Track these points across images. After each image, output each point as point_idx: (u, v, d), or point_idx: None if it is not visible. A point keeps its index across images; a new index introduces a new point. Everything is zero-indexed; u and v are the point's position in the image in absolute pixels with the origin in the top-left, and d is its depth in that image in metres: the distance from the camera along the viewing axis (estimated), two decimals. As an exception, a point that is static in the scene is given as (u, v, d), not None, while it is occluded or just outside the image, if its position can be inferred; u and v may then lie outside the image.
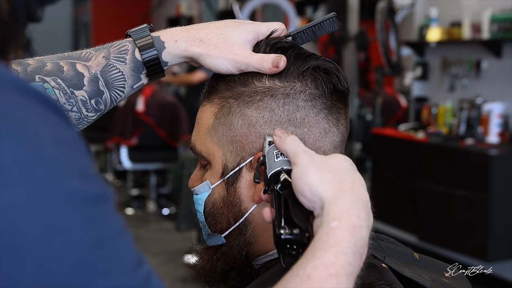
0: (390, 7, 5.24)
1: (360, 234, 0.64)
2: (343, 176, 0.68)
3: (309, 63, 0.83)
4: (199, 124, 0.88)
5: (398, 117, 6.09)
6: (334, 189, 0.66)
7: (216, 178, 0.86)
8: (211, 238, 0.89)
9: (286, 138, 0.73)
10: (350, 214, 0.64)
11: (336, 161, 0.69)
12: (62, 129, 0.48)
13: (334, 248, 0.62)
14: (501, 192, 3.97)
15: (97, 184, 0.48)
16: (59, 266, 0.44)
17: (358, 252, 0.63)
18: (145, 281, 0.50)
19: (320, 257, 0.61)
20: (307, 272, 0.61)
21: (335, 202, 0.65)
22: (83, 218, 0.46)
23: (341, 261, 0.61)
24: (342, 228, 0.63)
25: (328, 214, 0.65)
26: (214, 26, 0.86)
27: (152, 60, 0.84)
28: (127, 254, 0.50)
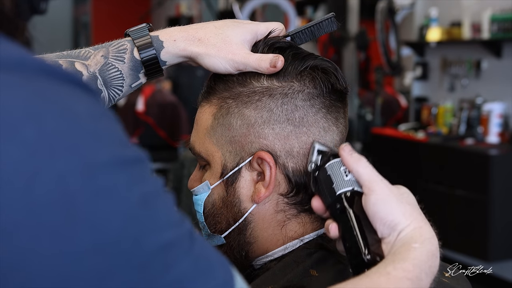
0: (390, 7, 5.24)
1: (435, 262, 0.71)
2: (419, 212, 0.76)
3: (307, 62, 0.83)
4: (198, 125, 0.88)
5: (398, 117, 6.09)
6: (416, 220, 0.73)
7: (215, 179, 0.86)
8: (211, 239, 0.89)
9: (361, 159, 0.76)
10: (431, 243, 0.72)
11: (408, 195, 0.77)
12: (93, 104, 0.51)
13: (413, 261, 0.68)
14: (501, 192, 3.97)
15: (132, 149, 0.51)
16: (112, 224, 0.46)
17: (430, 274, 0.70)
18: (191, 235, 0.53)
19: (400, 262, 0.68)
20: (387, 270, 0.67)
21: (419, 230, 0.72)
22: (127, 179, 0.48)
23: (417, 272, 0.68)
24: (422, 250, 0.70)
25: (411, 238, 0.71)
26: (213, 26, 0.86)
27: (150, 60, 0.84)
28: (171, 210, 0.52)
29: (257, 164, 0.83)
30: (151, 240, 0.49)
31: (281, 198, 0.84)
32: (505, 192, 3.99)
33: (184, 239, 0.52)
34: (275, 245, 0.85)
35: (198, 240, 0.54)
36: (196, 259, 0.52)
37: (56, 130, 0.46)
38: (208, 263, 0.53)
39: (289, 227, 0.85)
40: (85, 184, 0.46)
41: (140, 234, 0.48)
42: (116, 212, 0.47)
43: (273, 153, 0.82)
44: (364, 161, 0.76)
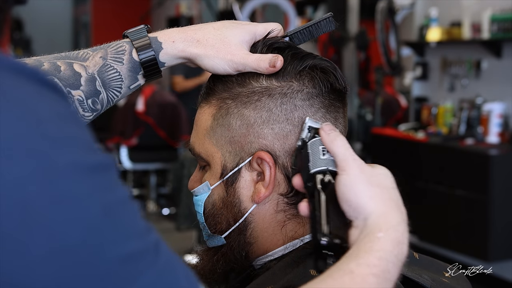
0: (390, 7, 5.24)
1: (401, 249, 0.68)
2: (390, 194, 0.72)
3: (306, 62, 0.83)
4: (198, 126, 0.88)
5: (398, 117, 6.08)
6: (384, 205, 0.70)
7: (215, 179, 0.86)
8: (211, 239, 0.89)
9: (337, 138, 0.74)
10: (397, 230, 0.68)
11: (384, 177, 0.73)
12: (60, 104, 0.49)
13: (378, 253, 0.65)
14: (501, 192, 3.97)
15: (99, 154, 0.49)
16: (70, 233, 0.45)
17: (397, 264, 0.67)
18: (156, 247, 0.51)
19: (364, 257, 0.65)
20: (350, 267, 0.64)
21: (384, 218, 0.69)
22: (90, 187, 0.47)
23: (383, 265, 0.65)
24: (387, 239, 0.67)
25: (376, 225, 0.68)
26: (211, 27, 0.86)
27: (149, 61, 0.84)
28: (135, 221, 0.51)
29: (257, 164, 0.83)
30: (113, 251, 0.47)
31: (281, 198, 0.84)
32: (505, 192, 3.99)
33: (148, 251, 0.50)
34: (275, 245, 0.85)
35: (164, 252, 0.52)
36: (160, 272, 0.51)
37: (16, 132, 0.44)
38: (173, 277, 0.52)
39: (289, 227, 0.85)
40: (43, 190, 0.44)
41: (101, 244, 0.47)
42: (76, 220, 0.45)
43: (273, 153, 0.82)
44: (341, 140, 0.74)
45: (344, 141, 0.74)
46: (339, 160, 0.73)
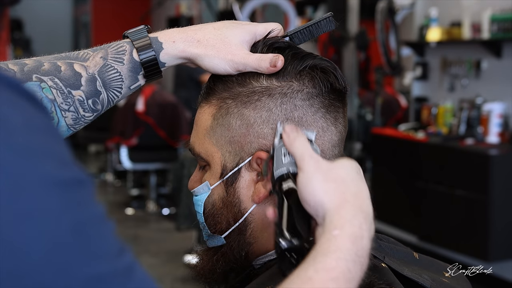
0: (390, 7, 5.24)
1: (361, 244, 0.65)
2: (347, 187, 0.68)
3: (306, 62, 0.83)
4: (198, 126, 0.88)
5: (398, 117, 6.09)
6: (338, 199, 0.67)
7: (215, 179, 0.86)
8: (211, 239, 0.89)
9: (296, 139, 0.73)
10: (353, 225, 0.65)
11: (342, 170, 0.70)
12: (35, 115, 0.47)
13: (335, 254, 0.63)
14: (501, 192, 3.97)
15: (73, 169, 0.47)
16: (34, 251, 0.43)
17: (358, 261, 0.64)
18: (127, 271, 0.49)
19: (321, 261, 0.62)
20: (309, 274, 0.61)
21: (338, 213, 0.66)
22: (59, 202, 0.45)
23: (341, 267, 0.62)
24: (344, 236, 0.64)
25: (330, 223, 0.65)
26: (212, 27, 0.86)
27: (150, 61, 0.84)
28: (107, 241, 0.48)
29: (257, 164, 0.83)
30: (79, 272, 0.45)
31: None
32: (505, 192, 3.99)
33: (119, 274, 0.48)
34: (275, 245, 0.85)
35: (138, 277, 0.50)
36: None
37: None
38: None
39: (289, 227, 0.85)
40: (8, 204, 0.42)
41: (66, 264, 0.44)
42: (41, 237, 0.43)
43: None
44: (299, 140, 0.73)
45: (303, 141, 0.73)
46: (297, 160, 0.71)
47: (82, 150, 9.65)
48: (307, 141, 0.73)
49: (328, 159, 0.84)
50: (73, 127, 0.85)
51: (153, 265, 4.81)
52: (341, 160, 0.72)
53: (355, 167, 0.71)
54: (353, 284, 0.63)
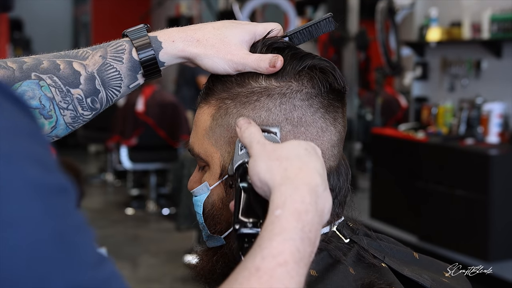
0: (390, 7, 5.24)
1: (306, 219, 0.63)
2: (290, 162, 0.67)
3: (305, 62, 0.83)
4: (197, 126, 0.87)
5: (398, 117, 6.09)
6: (279, 176, 0.66)
7: (214, 179, 0.85)
8: (211, 239, 0.89)
9: (245, 130, 0.73)
10: (294, 200, 0.64)
11: (286, 148, 0.69)
12: (20, 119, 0.46)
13: (280, 236, 0.61)
14: (501, 192, 3.97)
15: (57, 176, 0.47)
16: (15, 259, 0.42)
17: (306, 237, 0.63)
18: (107, 280, 0.48)
19: (267, 246, 0.61)
20: (256, 263, 0.60)
21: (278, 190, 0.65)
22: (42, 209, 0.44)
23: (288, 248, 0.61)
24: (286, 215, 0.63)
25: (272, 203, 0.65)
26: (211, 26, 0.86)
27: (149, 60, 0.84)
28: (88, 250, 0.48)
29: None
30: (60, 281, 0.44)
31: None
32: (505, 192, 3.99)
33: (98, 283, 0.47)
34: (275, 245, 0.85)
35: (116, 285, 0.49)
36: None
37: None
38: None
39: (289, 227, 0.85)
40: None
41: (48, 274, 0.44)
42: (22, 246, 0.43)
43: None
44: (250, 129, 0.73)
45: (253, 130, 0.73)
46: (248, 148, 0.72)
47: (82, 150, 9.65)
48: (257, 130, 0.73)
49: (328, 159, 0.84)
50: (72, 126, 0.85)
51: (153, 265, 4.81)
52: (289, 140, 0.72)
53: (303, 144, 0.71)
54: (303, 262, 0.62)
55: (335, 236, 0.86)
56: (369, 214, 4.82)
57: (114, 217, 6.25)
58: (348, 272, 0.80)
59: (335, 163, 0.85)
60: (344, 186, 0.87)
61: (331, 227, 0.87)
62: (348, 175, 0.89)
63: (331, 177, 0.85)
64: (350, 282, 0.79)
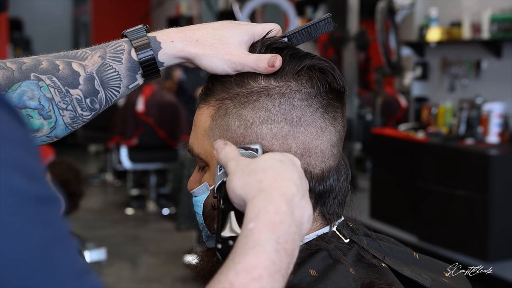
0: (390, 7, 5.24)
1: (281, 229, 0.63)
2: (264, 175, 0.68)
3: (304, 62, 0.83)
4: (196, 126, 0.87)
5: (398, 117, 6.08)
6: (253, 190, 0.66)
7: (214, 180, 0.85)
8: (211, 240, 0.89)
9: (221, 151, 0.74)
10: (267, 212, 0.64)
11: (260, 161, 0.70)
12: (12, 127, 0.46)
13: (253, 249, 0.61)
14: (501, 192, 3.97)
15: (44, 186, 0.46)
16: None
17: (282, 248, 0.62)
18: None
19: (241, 261, 0.60)
20: (229, 278, 0.60)
21: (251, 203, 0.65)
22: (26, 219, 0.44)
23: (263, 262, 0.60)
24: (260, 227, 0.62)
25: (246, 217, 0.64)
26: (210, 27, 0.86)
27: (148, 60, 0.84)
28: (71, 261, 0.48)
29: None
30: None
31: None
32: (505, 192, 3.99)
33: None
34: (275, 246, 0.85)
35: None
36: None
37: None
38: None
39: (289, 227, 0.85)
40: None
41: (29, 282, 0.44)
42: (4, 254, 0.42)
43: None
44: (225, 149, 0.74)
45: (228, 150, 0.73)
46: (224, 168, 0.72)
47: (82, 150, 9.65)
48: (233, 149, 0.74)
49: (327, 159, 0.84)
50: (71, 126, 0.85)
51: (153, 265, 4.81)
52: (264, 154, 0.72)
53: (278, 156, 0.71)
54: (279, 274, 0.61)
55: (335, 236, 0.86)
56: (369, 214, 4.82)
57: (114, 217, 6.25)
58: (348, 272, 0.80)
59: (334, 163, 0.85)
60: (344, 186, 0.87)
61: (331, 227, 0.87)
62: (348, 175, 0.89)
63: (331, 177, 0.85)
64: (350, 282, 0.79)
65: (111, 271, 4.53)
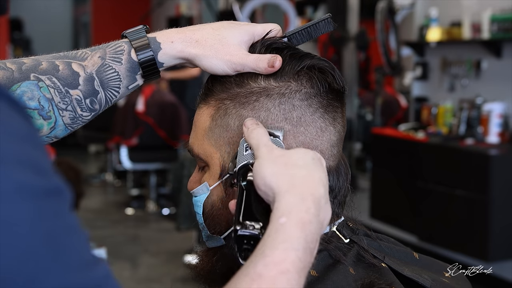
0: (390, 7, 5.24)
1: (310, 229, 0.64)
2: (296, 170, 0.68)
3: (304, 62, 0.83)
4: (196, 127, 0.87)
5: (398, 117, 6.08)
6: (285, 182, 0.67)
7: (214, 180, 0.85)
8: (211, 240, 0.89)
9: (253, 131, 0.74)
10: (299, 210, 0.65)
11: (294, 155, 0.70)
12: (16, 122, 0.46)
13: (283, 244, 0.62)
14: (501, 192, 3.97)
15: (51, 179, 0.47)
16: (4, 259, 0.43)
17: (308, 247, 0.63)
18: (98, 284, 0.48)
19: (270, 254, 0.61)
20: (258, 270, 0.61)
21: (283, 197, 0.66)
22: (34, 211, 0.44)
23: (291, 257, 0.61)
24: (291, 224, 0.63)
25: (277, 210, 0.65)
26: (210, 27, 0.86)
27: (148, 61, 0.84)
28: (80, 253, 0.48)
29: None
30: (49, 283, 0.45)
31: None
32: (505, 192, 3.99)
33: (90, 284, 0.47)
34: (275, 245, 0.85)
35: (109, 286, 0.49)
36: None
37: None
38: None
39: (289, 227, 0.85)
40: None
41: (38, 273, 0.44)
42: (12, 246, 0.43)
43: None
44: (257, 131, 0.74)
45: (260, 132, 0.74)
46: (254, 150, 0.72)
47: (82, 150, 9.65)
48: (265, 132, 0.74)
49: (327, 159, 0.84)
50: (71, 126, 0.85)
51: (153, 265, 4.81)
52: (297, 148, 0.73)
53: (310, 154, 0.71)
54: (303, 272, 0.62)
55: (335, 236, 0.86)
56: (369, 214, 4.82)
57: (114, 217, 6.25)
58: (348, 272, 0.80)
59: (334, 163, 0.85)
60: (344, 186, 0.87)
61: (331, 227, 0.87)
62: (348, 175, 0.89)
63: (331, 177, 0.85)
64: (350, 282, 0.79)
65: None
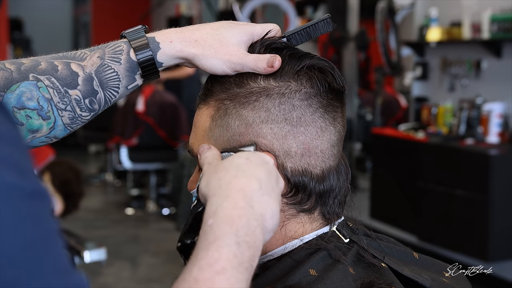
0: (390, 7, 5.24)
1: (240, 223, 0.65)
2: (223, 173, 0.70)
3: (304, 62, 0.83)
4: (196, 127, 0.87)
5: (398, 117, 6.08)
6: (213, 187, 0.68)
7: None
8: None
9: (202, 155, 0.76)
10: (224, 207, 0.66)
11: (227, 160, 0.72)
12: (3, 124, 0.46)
13: (214, 244, 0.62)
14: (501, 192, 3.97)
15: (33, 181, 0.46)
16: None
17: (242, 241, 0.64)
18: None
19: (203, 257, 0.62)
20: (193, 275, 0.60)
21: (209, 201, 0.67)
22: (16, 214, 0.44)
23: (224, 255, 0.62)
24: (218, 222, 0.64)
25: (205, 214, 0.66)
26: (209, 27, 0.86)
27: (147, 61, 0.84)
28: (59, 257, 0.48)
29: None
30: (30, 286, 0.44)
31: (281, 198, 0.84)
32: (505, 192, 3.99)
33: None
34: (275, 245, 0.85)
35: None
36: None
37: None
38: None
39: (289, 227, 0.85)
40: None
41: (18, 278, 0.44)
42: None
43: (272, 153, 0.82)
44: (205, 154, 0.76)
45: (208, 154, 0.76)
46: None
47: (82, 150, 9.65)
48: (213, 153, 0.76)
49: (327, 159, 0.84)
50: (70, 127, 0.85)
51: (153, 265, 4.81)
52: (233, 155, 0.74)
53: (245, 155, 0.73)
54: (242, 267, 0.62)
55: (335, 236, 0.86)
56: (369, 214, 4.82)
57: (114, 217, 6.25)
58: (348, 272, 0.80)
59: (334, 163, 0.85)
60: (344, 186, 0.87)
61: (331, 227, 0.87)
62: (348, 175, 0.89)
63: (331, 177, 0.85)
64: (350, 282, 0.79)
65: (111, 271, 4.53)
